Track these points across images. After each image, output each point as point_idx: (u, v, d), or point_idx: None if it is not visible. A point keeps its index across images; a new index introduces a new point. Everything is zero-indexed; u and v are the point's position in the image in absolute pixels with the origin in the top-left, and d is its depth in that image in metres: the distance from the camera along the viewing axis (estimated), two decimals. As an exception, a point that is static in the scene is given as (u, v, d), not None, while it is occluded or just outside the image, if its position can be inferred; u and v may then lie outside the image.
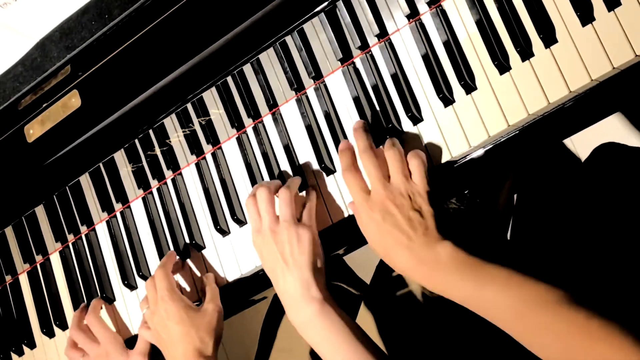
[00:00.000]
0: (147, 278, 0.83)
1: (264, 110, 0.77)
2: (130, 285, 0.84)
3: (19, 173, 0.88)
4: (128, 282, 0.84)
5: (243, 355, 1.44)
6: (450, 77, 0.67)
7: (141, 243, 0.85)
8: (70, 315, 0.90)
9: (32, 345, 0.92)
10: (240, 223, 0.77)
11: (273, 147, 0.77)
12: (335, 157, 0.72)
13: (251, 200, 0.70)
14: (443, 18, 0.67)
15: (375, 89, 0.71)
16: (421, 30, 0.68)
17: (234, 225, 0.78)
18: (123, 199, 0.86)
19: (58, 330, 0.90)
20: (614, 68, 0.59)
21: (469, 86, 0.65)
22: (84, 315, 0.84)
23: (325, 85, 0.74)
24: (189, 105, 0.81)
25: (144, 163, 0.85)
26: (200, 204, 0.81)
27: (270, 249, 0.67)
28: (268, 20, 0.73)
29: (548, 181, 0.84)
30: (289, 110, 0.76)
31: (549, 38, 0.62)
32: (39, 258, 0.93)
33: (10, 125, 0.87)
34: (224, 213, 0.79)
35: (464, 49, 0.66)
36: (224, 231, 0.78)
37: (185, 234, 0.81)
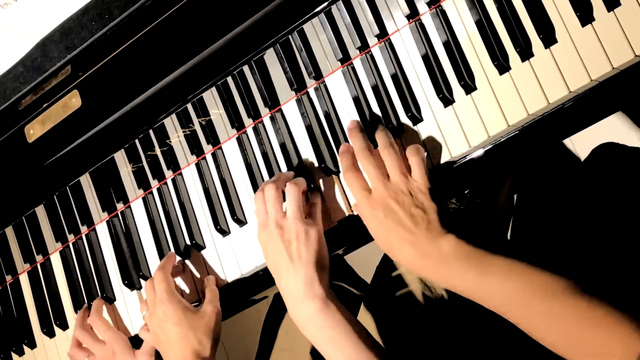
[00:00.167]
0: (147, 278, 0.83)
1: (264, 111, 0.77)
2: (131, 285, 0.84)
3: (19, 173, 0.88)
4: (128, 282, 0.84)
5: (243, 354, 1.44)
6: (450, 78, 0.67)
7: (141, 243, 0.85)
8: (70, 315, 0.90)
9: (33, 345, 0.92)
10: (241, 223, 0.77)
11: (273, 147, 0.77)
12: (335, 157, 0.72)
13: (260, 195, 0.70)
14: (443, 18, 0.67)
15: (375, 89, 0.71)
16: (421, 31, 0.68)
17: (234, 225, 0.78)
18: (123, 199, 0.86)
19: (58, 330, 0.90)
20: (613, 68, 0.59)
21: (469, 86, 0.65)
22: (87, 315, 0.84)
23: (326, 86, 0.74)
24: (189, 106, 0.82)
25: (144, 163, 0.85)
26: (200, 204, 0.81)
27: (275, 245, 0.67)
28: (268, 20, 0.73)
29: (548, 181, 0.84)
30: (289, 110, 0.76)
31: (549, 38, 0.62)
32: (39, 258, 0.93)
33: (10, 125, 0.87)
34: (224, 213, 0.79)
35: (464, 49, 0.66)
36: (224, 231, 0.78)
37: (186, 234, 0.81)
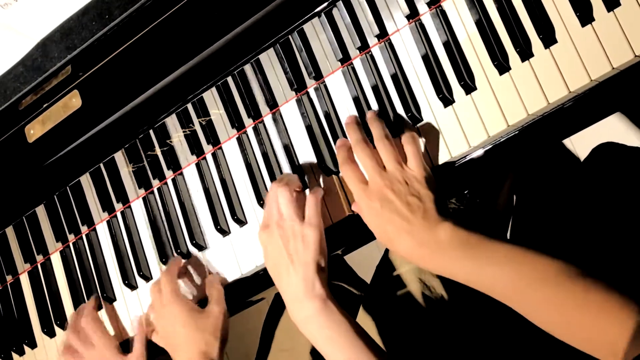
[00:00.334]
0: (148, 278, 0.83)
1: (265, 111, 0.77)
2: (131, 285, 0.84)
3: (19, 173, 0.88)
4: (128, 282, 0.84)
5: (243, 354, 1.44)
6: (450, 78, 0.67)
7: (142, 243, 0.85)
8: (70, 315, 0.90)
9: (33, 344, 0.92)
10: (241, 223, 0.77)
11: (273, 147, 0.77)
12: (335, 158, 0.72)
13: (267, 195, 0.70)
14: (443, 18, 0.67)
15: (375, 89, 0.71)
16: (421, 31, 0.69)
17: (234, 225, 0.78)
18: (124, 198, 0.86)
19: (59, 330, 0.90)
20: (613, 68, 0.59)
21: (469, 86, 0.65)
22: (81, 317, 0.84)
23: (326, 86, 0.74)
24: (190, 106, 0.82)
25: (145, 163, 0.85)
26: (200, 204, 0.81)
27: (275, 245, 0.67)
28: (268, 20, 0.73)
29: (547, 181, 0.84)
30: (289, 110, 0.76)
31: (549, 38, 0.62)
32: (39, 258, 0.93)
33: (11, 125, 0.87)
34: (224, 213, 0.79)
35: (464, 50, 0.66)
36: (224, 231, 0.78)
37: (186, 234, 0.81)
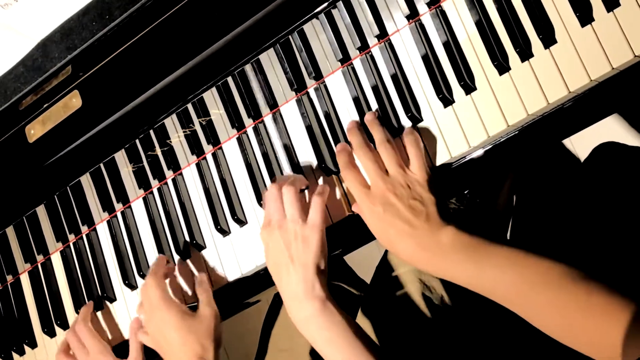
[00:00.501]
0: (148, 278, 0.83)
1: (265, 111, 0.78)
2: (131, 285, 0.84)
3: (20, 173, 0.88)
4: (129, 282, 0.84)
5: (243, 354, 1.44)
6: (450, 78, 0.67)
7: (142, 243, 0.85)
8: (71, 314, 0.90)
9: (33, 344, 0.93)
10: (241, 223, 0.77)
11: (274, 147, 0.77)
12: (335, 158, 0.72)
13: (266, 194, 0.70)
14: (443, 19, 0.67)
15: (375, 89, 0.71)
16: (421, 31, 0.69)
17: (234, 225, 0.78)
18: (124, 199, 0.86)
19: (59, 330, 0.90)
20: (613, 68, 0.59)
21: (469, 87, 0.65)
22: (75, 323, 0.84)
23: (326, 86, 0.74)
24: (190, 106, 0.82)
25: (145, 163, 0.85)
26: (200, 204, 0.81)
27: (276, 244, 0.67)
28: (268, 20, 0.74)
29: (547, 181, 0.84)
30: (289, 110, 0.76)
31: (549, 39, 0.62)
32: (40, 258, 0.93)
33: (11, 125, 0.87)
34: (225, 213, 0.79)
35: (464, 50, 0.66)
36: (224, 231, 0.78)
37: (186, 234, 0.81)
